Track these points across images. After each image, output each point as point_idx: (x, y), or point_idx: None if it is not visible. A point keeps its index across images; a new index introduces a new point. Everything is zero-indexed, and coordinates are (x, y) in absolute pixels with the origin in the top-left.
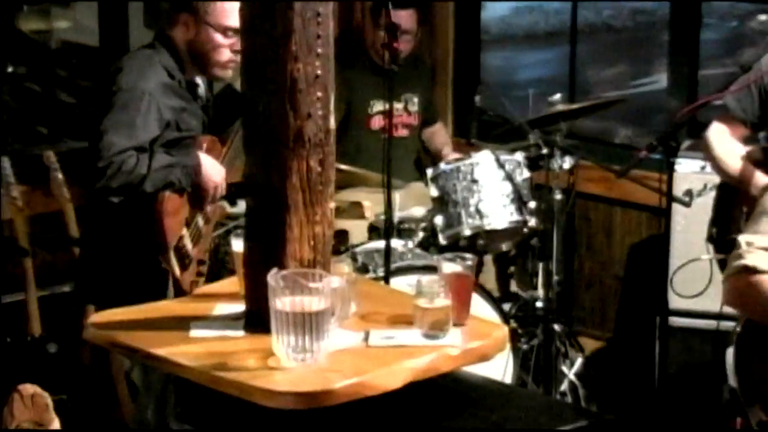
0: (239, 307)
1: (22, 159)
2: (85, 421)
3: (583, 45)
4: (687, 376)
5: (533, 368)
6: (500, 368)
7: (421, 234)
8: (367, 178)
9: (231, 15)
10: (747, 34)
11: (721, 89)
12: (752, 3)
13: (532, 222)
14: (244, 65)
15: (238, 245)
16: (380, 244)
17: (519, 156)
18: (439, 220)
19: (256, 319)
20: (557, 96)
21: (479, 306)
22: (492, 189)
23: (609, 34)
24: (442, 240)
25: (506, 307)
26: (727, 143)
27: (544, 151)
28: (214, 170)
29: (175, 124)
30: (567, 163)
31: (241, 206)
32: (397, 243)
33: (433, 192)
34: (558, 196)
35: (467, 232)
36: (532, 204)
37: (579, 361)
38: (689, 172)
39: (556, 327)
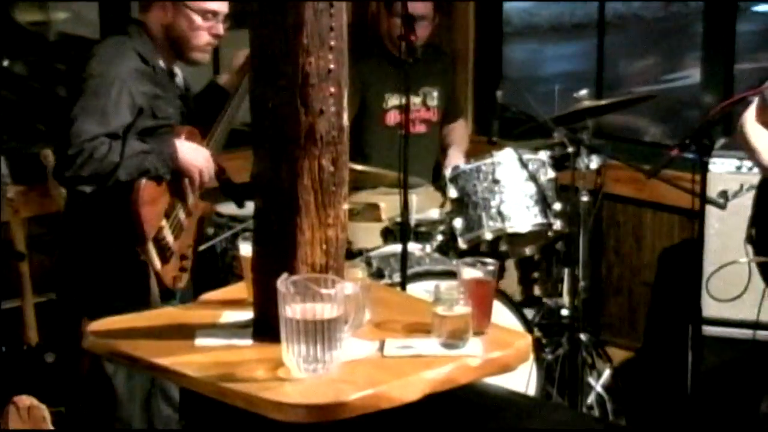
0: (247, 314)
1: (18, 158)
2: None
3: (612, 37)
4: (721, 389)
5: (558, 380)
6: (523, 380)
7: (439, 237)
8: (383, 178)
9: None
10: None
11: (758, 84)
12: None
13: (557, 225)
14: (253, 59)
15: (246, 249)
16: (396, 248)
17: (543, 155)
18: (458, 222)
19: (265, 327)
20: (584, 91)
21: (501, 314)
22: (515, 190)
23: (639, 25)
24: (461, 244)
25: (529, 314)
26: (766, 134)
27: (570, 149)
28: (195, 154)
29: (150, 111)
30: (594, 162)
31: (249, 208)
32: (414, 247)
33: (453, 193)
34: (584, 198)
35: (488, 236)
36: (557, 206)
37: (607, 373)
38: (724, 172)
39: (583, 336)
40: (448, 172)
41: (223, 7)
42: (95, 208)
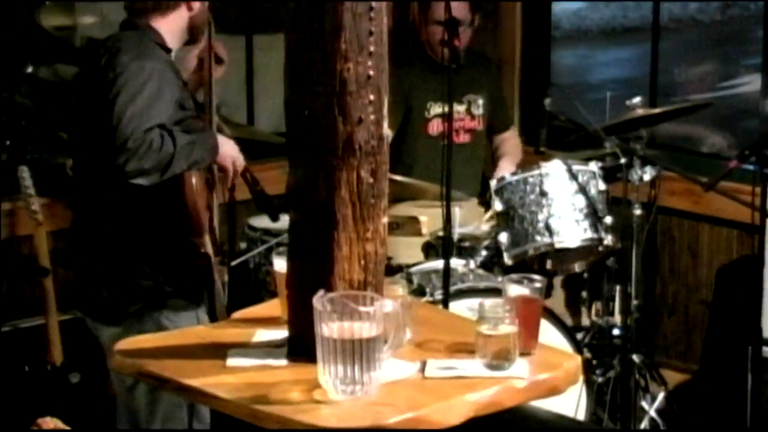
0: (281, 333)
1: (42, 168)
2: None
3: (667, 42)
4: None
5: (609, 403)
6: (572, 403)
7: (483, 253)
8: (425, 190)
9: None
10: None
11: None
12: None
13: (609, 240)
14: (288, 66)
15: (280, 265)
16: (438, 263)
17: (594, 166)
18: (503, 237)
19: (301, 346)
20: (637, 99)
21: (549, 333)
22: (563, 203)
23: (696, 29)
24: (507, 260)
25: (579, 335)
26: None
27: (622, 160)
28: (228, 145)
29: (179, 103)
30: (648, 174)
31: (284, 221)
32: (457, 263)
33: (498, 206)
34: (637, 212)
35: (535, 251)
36: (609, 220)
37: (661, 396)
38: None
39: (635, 358)
40: (493, 184)
41: None
42: (146, 205)
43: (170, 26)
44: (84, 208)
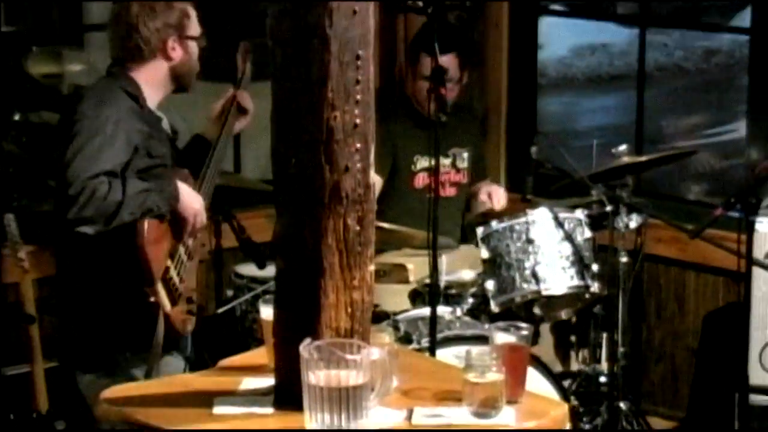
0: (268, 381)
1: (28, 216)
2: None
3: (652, 90)
4: None
5: None
6: None
7: (470, 300)
8: (411, 237)
9: (197, 21)
10: None
11: None
12: None
13: (595, 287)
14: (275, 114)
15: (267, 312)
16: (425, 311)
17: (580, 214)
18: (490, 284)
19: (287, 394)
20: (623, 147)
21: (535, 381)
22: (550, 250)
23: (680, 77)
24: (493, 307)
25: (566, 382)
26: None
27: (609, 208)
28: (192, 197)
29: (144, 150)
30: (634, 221)
31: (271, 269)
32: (443, 310)
33: (484, 253)
34: (624, 259)
35: (522, 299)
36: (595, 267)
37: None
38: None
39: (622, 405)
40: (480, 231)
41: (199, 27)
42: (97, 251)
43: (148, 76)
44: (59, 255)
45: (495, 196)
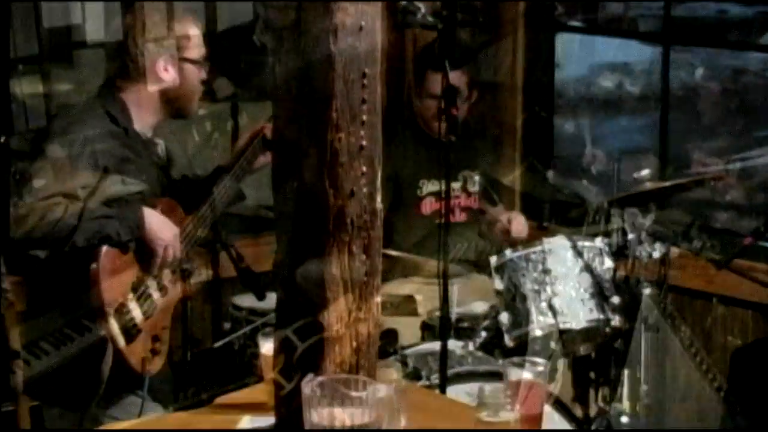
0: (268, 419)
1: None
2: None
3: (676, 111)
4: None
5: None
6: None
7: (483, 334)
8: (421, 266)
9: (199, 44)
10: None
11: None
12: None
13: (616, 321)
14: (275, 135)
15: (267, 346)
16: (435, 345)
17: (600, 242)
18: (504, 317)
19: None
20: (645, 171)
21: (552, 420)
22: (567, 281)
23: (707, 98)
24: (508, 341)
25: (584, 422)
26: None
27: (630, 236)
28: (164, 227)
29: (117, 176)
30: (657, 251)
31: (271, 300)
32: (454, 344)
33: (498, 284)
34: (647, 291)
35: (538, 333)
36: (616, 299)
37: None
38: None
39: None
40: (493, 261)
41: (202, 50)
42: (49, 277)
43: (136, 97)
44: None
45: (515, 224)
